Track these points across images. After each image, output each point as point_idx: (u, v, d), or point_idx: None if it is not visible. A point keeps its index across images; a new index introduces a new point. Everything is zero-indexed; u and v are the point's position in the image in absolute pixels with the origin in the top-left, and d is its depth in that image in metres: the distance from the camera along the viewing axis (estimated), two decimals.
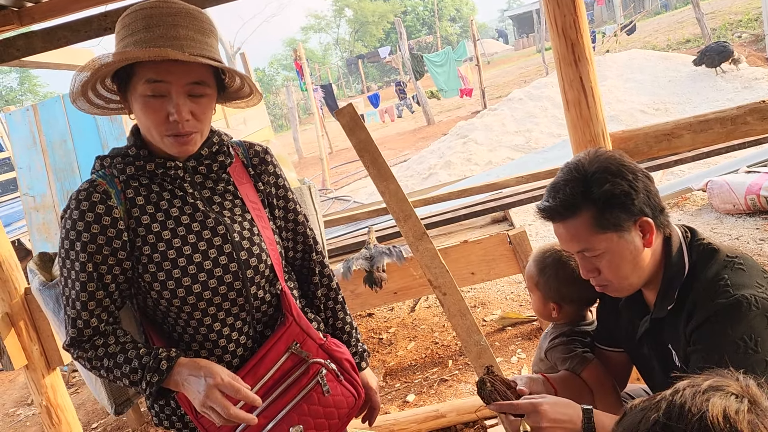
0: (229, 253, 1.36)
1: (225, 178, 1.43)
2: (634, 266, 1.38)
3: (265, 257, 1.42)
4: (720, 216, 5.13)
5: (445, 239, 4.11)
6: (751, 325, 1.21)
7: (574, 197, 1.36)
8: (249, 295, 1.39)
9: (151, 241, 1.32)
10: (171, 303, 1.34)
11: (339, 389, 1.46)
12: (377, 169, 2.24)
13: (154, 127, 1.28)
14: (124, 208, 1.31)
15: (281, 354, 1.41)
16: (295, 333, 1.42)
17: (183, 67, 1.24)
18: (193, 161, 1.37)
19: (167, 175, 1.34)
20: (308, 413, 1.41)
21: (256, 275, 1.40)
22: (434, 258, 2.27)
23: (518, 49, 39.75)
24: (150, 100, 1.26)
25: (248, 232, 1.40)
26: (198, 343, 1.39)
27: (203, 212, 1.36)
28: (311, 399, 1.41)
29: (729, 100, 9.80)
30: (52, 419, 2.90)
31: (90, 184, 1.31)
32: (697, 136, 2.35)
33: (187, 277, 1.32)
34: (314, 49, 49.64)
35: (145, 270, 1.32)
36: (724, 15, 18.23)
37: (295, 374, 1.41)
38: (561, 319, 1.75)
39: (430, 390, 3.55)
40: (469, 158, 9.72)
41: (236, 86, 1.41)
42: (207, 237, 1.35)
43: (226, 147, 1.42)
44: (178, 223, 1.34)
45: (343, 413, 1.47)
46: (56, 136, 5.09)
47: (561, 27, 2.16)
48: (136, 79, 1.26)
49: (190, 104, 1.27)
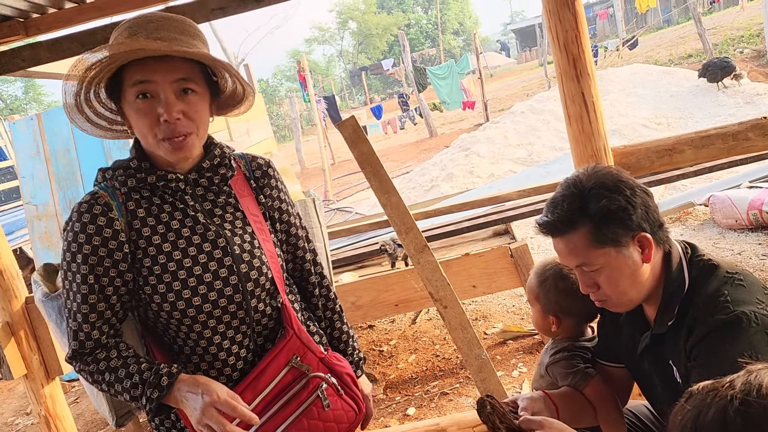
0: (229, 266, 1.36)
1: (226, 191, 1.43)
2: (632, 281, 1.38)
3: (266, 270, 1.41)
4: (722, 231, 5.12)
5: (447, 252, 4.11)
6: (750, 341, 1.21)
7: (572, 213, 1.37)
8: (249, 308, 1.39)
9: (151, 254, 1.32)
10: (171, 315, 1.34)
11: (339, 404, 1.45)
12: (379, 182, 2.25)
13: (147, 131, 1.28)
14: (125, 221, 1.32)
15: (281, 367, 1.40)
16: (295, 346, 1.42)
17: (167, 65, 1.25)
18: (195, 174, 1.37)
19: (168, 188, 1.35)
20: (308, 428, 1.40)
21: (256, 288, 1.40)
22: (435, 271, 2.27)
23: (521, 63, 39.92)
24: (139, 103, 1.26)
25: (249, 245, 1.40)
26: (198, 356, 1.39)
27: (204, 225, 1.37)
28: (311, 413, 1.40)
29: (731, 116, 9.82)
30: (50, 429, 2.89)
31: (92, 197, 1.32)
32: (698, 152, 2.35)
33: (187, 290, 1.32)
34: (318, 61, 49.86)
35: (145, 282, 1.33)
36: (726, 30, 18.31)
37: (295, 388, 1.40)
38: (560, 334, 1.74)
39: (430, 403, 3.54)
40: (472, 170, 9.74)
41: (229, 89, 1.40)
42: (207, 250, 1.35)
43: (227, 159, 1.42)
44: (178, 235, 1.34)
45: (344, 428, 1.46)
46: (60, 145, 5.11)
47: (563, 42, 2.17)
48: (125, 86, 1.27)
49: (180, 104, 1.28)
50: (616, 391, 1.67)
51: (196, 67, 1.31)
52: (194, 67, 1.30)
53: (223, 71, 1.35)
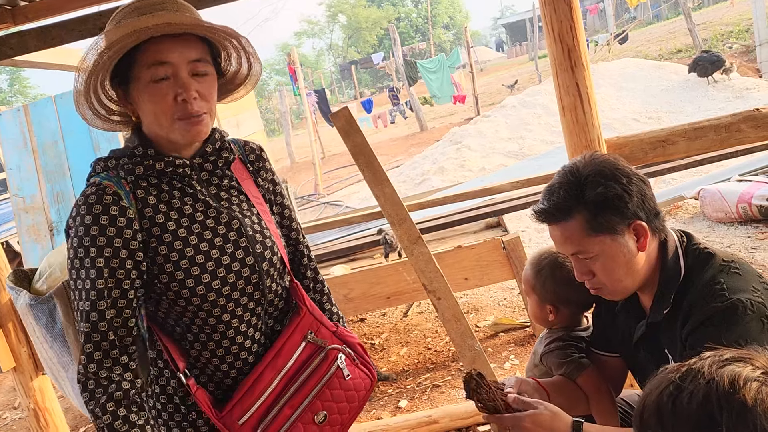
0: (245, 246, 1.36)
1: (229, 175, 1.42)
2: (627, 269, 1.38)
3: (276, 249, 1.43)
4: (712, 224, 5.15)
5: (439, 244, 4.11)
6: (746, 328, 1.21)
7: (568, 200, 1.37)
8: (265, 287, 1.40)
9: (167, 240, 1.29)
10: (190, 302, 1.31)
11: (357, 372, 1.49)
12: (372, 173, 2.24)
13: (162, 113, 1.26)
14: (136, 209, 1.28)
15: (298, 344, 1.42)
16: (309, 322, 1.45)
17: (184, 44, 1.24)
18: (199, 158, 1.37)
19: (176, 174, 1.33)
20: (331, 398, 1.43)
21: (270, 268, 1.40)
22: (429, 262, 2.26)
23: (511, 57, 39.94)
24: (156, 85, 1.24)
25: (258, 225, 1.41)
26: (215, 341, 1.37)
27: (215, 208, 1.36)
28: (333, 384, 1.44)
29: (721, 110, 9.87)
30: (39, 423, 2.86)
31: (97, 188, 1.27)
32: (691, 143, 2.36)
33: (206, 274, 1.31)
34: (307, 55, 49.67)
35: (161, 271, 1.29)
36: (715, 26, 18.41)
37: (314, 362, 1.43)
38: (557, 323, 1.74)
39: (422, 396, 3.54)
40: (463, 164, 9.75)
41: (231, 72, 1.40)
42: (222, 232, 1.34)
43: (228, 144, 1.42)
44: (192, 220, 1.33)
45: (362, 395, 1.50)
46: (47, 138, 5.05)
47: (558, 33, 2.17)
48: (138, 68, 1.24)
49: (196, 84, 1.27)
50: (610, 380, 1.68)
51: (206, 47, 1.30)
52: (205, 47, 1.30)
53: (231, 51, 1.35)
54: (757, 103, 9.78)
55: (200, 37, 1.29)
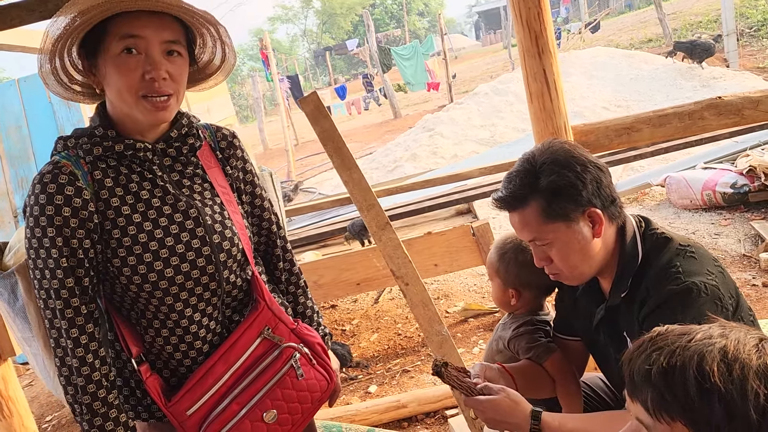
0: (201, 236, 1.33)
1: (194, 162, 1.39)
2: (583, 255, 1.41)
3: (237, 241, 1.40)
4: (677, 211, 5.25)
5: (409, 231, 4.13)
6: (700, 311, 1.24)
7: (523, 188, 1.39)
8: (221, 279, 1.37)
9: (120, 225, 1.27)
10: (141, 288, 1.30)
11: (312, 373, 1.46)
12: (341, 159, 2.23)
13: (127, 88, 1.23)
14: (92, 190, 1.26)
15: (253, 339, 1.40)
16: (267, 318, 1.42)
17: (159, 22, 1.22)
18: (162, 143, 1.33)
19: (136, 157, 1.30)
20: (282, 398, 1.40)
21: (228, 259, 1.38)
22: (397, 248, 2.27)
23: (485, 45, 40.02)
24: (125, 57, 1.21)
25: (219, 215, 1.38)
26: (168, 329, 1.35)
27: (174, 195, 1.33)
28: (285, 383, 1.41)
29: (688, 98, 9.98)
30: (2, 412, 2.81)
31: (54, 166, 1.24)
32: (656, 131, 2.39)
33: (159, 262, 1.28)
34: (281, 40, 49.12)
35: (114, 254, 1.27)
36: (685, 16, 18.65)
37: (268, 359, 1.40)
38: (519, 308, 1.76)
39: (392, 381, 3.56)
40: (435, 151, 9.77)
41: (204, 61, 1.38)
42: (179, 220, 1.32)
43: (195, 129, 1.39)
44: (148, 206, 1.30)
45: (316, 397, 1.47)
46: (11, 122, 4.93)
47: (525, 19, 2.18)
48: (110, 39, 1.21)
49: (167, 64, 1.25)
50: (572, 363, 1.70)
51: (182, 30, 1.28)
52: (181, 31, 1.28)
53: (207, 39, 1.33)
54: (723, 92, 9.93)
55: (178, 21, 1.26)
